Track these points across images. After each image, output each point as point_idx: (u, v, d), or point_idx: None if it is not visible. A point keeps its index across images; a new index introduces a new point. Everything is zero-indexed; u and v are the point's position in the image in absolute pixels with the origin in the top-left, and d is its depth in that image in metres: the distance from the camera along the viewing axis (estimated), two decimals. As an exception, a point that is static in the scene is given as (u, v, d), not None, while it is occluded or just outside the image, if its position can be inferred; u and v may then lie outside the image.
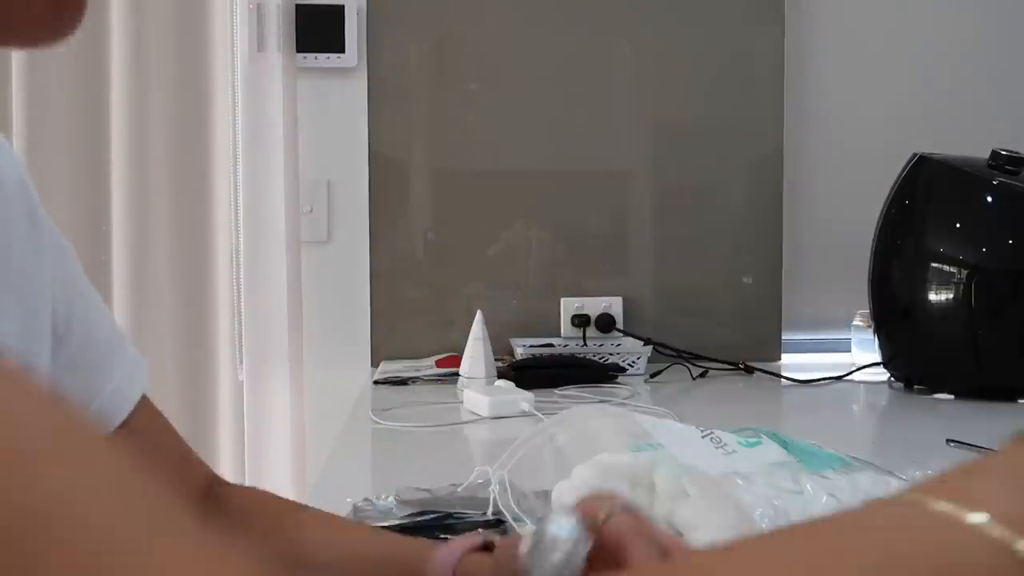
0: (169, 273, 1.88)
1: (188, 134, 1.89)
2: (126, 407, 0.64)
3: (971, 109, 2.12)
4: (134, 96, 1.85)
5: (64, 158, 1.83)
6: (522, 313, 1.99)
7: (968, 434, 0.98)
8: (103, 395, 0.62)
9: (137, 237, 1.86)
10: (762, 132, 2.04)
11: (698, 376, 1.78)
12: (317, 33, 1.92)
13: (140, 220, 1.86)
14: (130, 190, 1.85)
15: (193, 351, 1.87)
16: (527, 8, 2.00)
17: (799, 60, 2.09)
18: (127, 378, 0.64)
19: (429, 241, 2.00)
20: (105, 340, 0.64)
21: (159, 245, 1.88)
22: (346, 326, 1.97)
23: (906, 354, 1.66)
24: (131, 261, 1.85)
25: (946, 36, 2.14)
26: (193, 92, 1.89)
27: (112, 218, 1.85)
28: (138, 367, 0.66)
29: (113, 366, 0.64)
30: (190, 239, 1.90)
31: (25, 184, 0.59)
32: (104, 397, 0.62)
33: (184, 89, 1.88)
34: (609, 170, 2.04)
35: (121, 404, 0.64)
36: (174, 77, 1.87)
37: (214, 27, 1.89)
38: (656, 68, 2.02)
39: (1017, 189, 1.54)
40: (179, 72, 1.88)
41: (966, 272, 1.55)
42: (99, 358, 0.63)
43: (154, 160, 1.87)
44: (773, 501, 0.70)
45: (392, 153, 1.99)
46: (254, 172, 1.88)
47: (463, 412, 1.43)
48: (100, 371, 0.63)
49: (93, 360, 0.62)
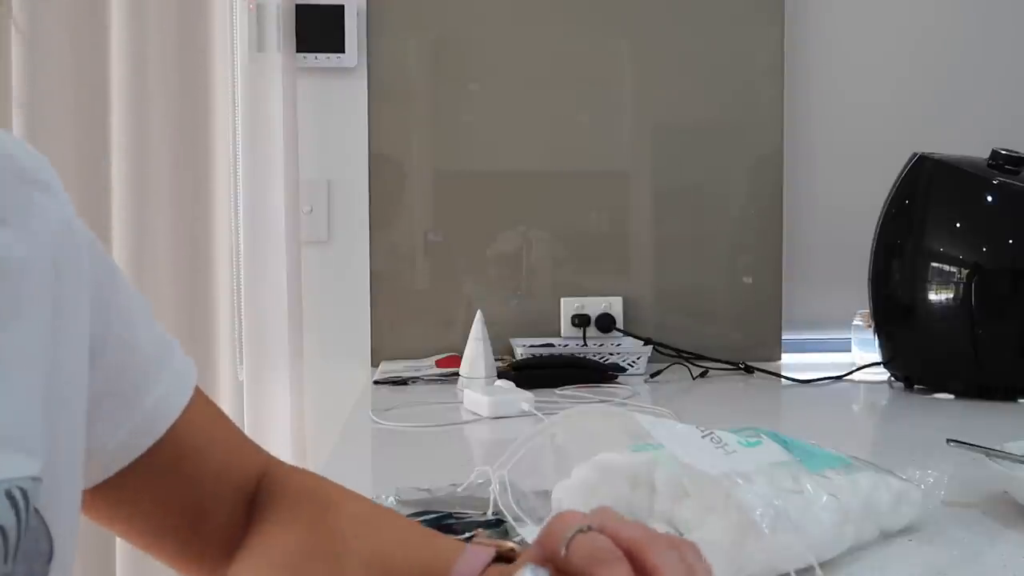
0: (169, 273, 1.88)
1: (188, 134, 1.89)
2: (172, 414, 0.65)
3: (971, 109, 2.12)
4: (134, 96, 1.85)
5: (64, 158, 1.82)
6: (522, 313, 2.00)
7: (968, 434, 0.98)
8: (144, 408, 0.63)
9: (137, 237, 1.86)
10: (762, 132, 2.04)
11: (698, 376, 1.78)
12: (317, 33, 1.92)
13: (140, 220, 1.86)
14: (130, 190, 1.85)
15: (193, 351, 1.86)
16: (527, 8, 2.00)
17: (799, 60, 2.09)
18: (172, 387, 0.65)
19: (429, 241, 2.00)
20: (148, 356, 0.64)
21: (159, 245, 1.88)
22: (346, 326, 1.97)
23: (906, 354, 1.66)
24: (131, 261, 1.85)
25: (946, 36, 2.14)
26: (193, 92, 1.89)
27: (112, 218, 1.85)
28: (184, 376, 0.67)
29: (158, 379, 0.64)
30: (190, 239, 1.90)
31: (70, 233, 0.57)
32: (146, 409, 0.63)
33: (184, 89, 1.88)
34: (609, 170, 2.04)
35: (166, 412, 0.64)
36: (174, 77, 1.87)
37: (214, 27, 1.89)
38: (656, 68, 2.03)
39: (1017, 189, 1.54)
40: (179, 72, 1.88)
41: (966, 272, 1.55)
42: (141, 374, 0.63)
43: (154, 160, 1.87)
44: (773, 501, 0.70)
45: (392, 153, 1.99)
46: (254, 172, 1.88)
47: (463, 412, 1.43)
48: (141, 387, 0.63)
49: (133, 378, 0.63)
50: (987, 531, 0.84)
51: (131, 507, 0.66)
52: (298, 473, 0.73)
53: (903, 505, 0.82)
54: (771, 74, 2.04)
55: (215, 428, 0.70)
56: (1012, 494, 0.88)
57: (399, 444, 1.27)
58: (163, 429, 0.64)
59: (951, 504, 0.88)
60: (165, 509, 0.67)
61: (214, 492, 0.68)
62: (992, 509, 0.89)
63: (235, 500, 0.70)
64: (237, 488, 0.70)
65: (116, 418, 0.62)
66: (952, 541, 0.81)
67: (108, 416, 0.61)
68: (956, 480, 0.90)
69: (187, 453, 0.66)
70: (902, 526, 0.82)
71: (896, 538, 0.81)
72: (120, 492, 0.64)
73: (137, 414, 0.63)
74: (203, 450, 0.67)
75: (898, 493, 0.81)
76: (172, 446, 0.65)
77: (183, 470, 0.66)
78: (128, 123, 1.85)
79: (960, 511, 0.89)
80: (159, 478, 0.65)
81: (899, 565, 0.76)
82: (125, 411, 0.62)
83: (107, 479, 0.63)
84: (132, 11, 1.84)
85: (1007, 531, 0.84)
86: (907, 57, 2.14)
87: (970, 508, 0.90)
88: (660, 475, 0.75)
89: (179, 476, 0.66)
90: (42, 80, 1.81)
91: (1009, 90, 2.14)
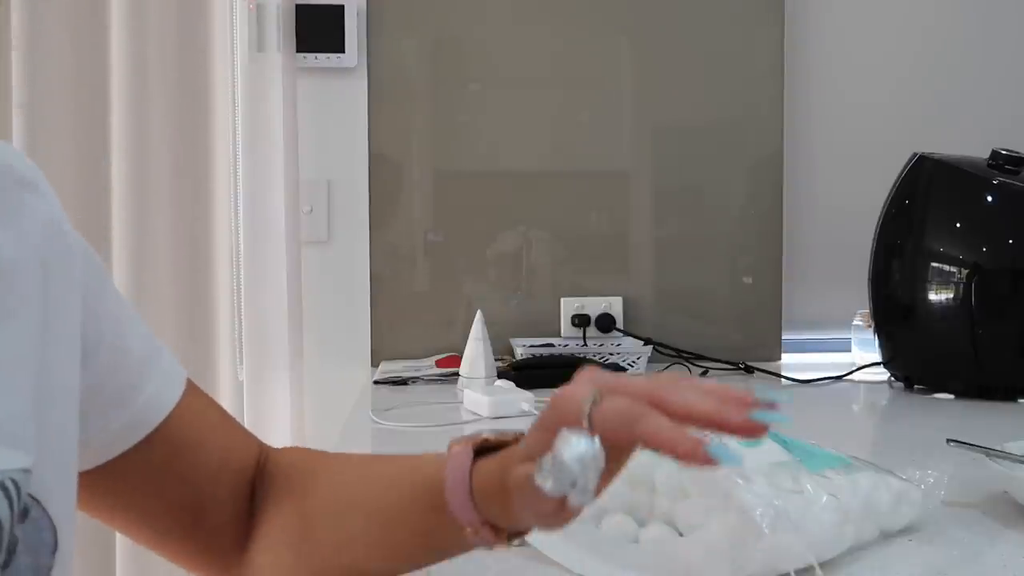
0: (169, 273, 1.88)
1: (188, 134, 1.89)
2: (165, 408, 0.66)
3: (971, 109, 2.12)
4: (134, 96, 1.85)
5: (64, 158, 1.82)
6: (522, 313, 2.00)
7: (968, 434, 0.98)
8: (137, 404, 0.64)
9: (137, 237, 1.86)
10: (762, 132, 2.04)
11: (698, 376, 1.78)
12: (317, 33, 1.92)
13: (140, 220, 1.86)
14: (130, 190, 1.85)
15: (193, 351, 1.87)
16: (527, 8, 2.00)
17: (799, 60, 2.09)
18: (163, 385, 0.66)
19: (429, 241, 2.00)
20: (139, 358, 0.65)
21: (159, 245, 1.88)
22: (346, 326, 1.97)
23: (906, 354, 1.66)
24: (131, 261, 1.85)
25: (946, 36, 2.14)
26: (193, 92, 1.88)
27: (112, 218, 1.85)
28: (174, 374, 0.67)
29: (150, 379, 0.65)
30: (190, 239, 1.89)
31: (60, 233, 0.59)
32: (139, 405, 0.64)
33: (184, 89, 1.88)
34: (609, 170, 2.04)
35: (159, 406, 0.65)
36: (174, 77, 1.87)
37: (214, 27, 1.89)
38: (656, 68, 2.02)
39: (1017, 189, 1.54)
40: (179, 72, 1.88)
41: (966, 272, 1.55)
42: (135, 374, 0.64)
43: (154, 160, 1.87)
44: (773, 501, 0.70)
45: (392, 153, 1.99)
46: (254, 172, 1.88)
47: (463, 412, 1.43)
48: (135, 386, 0.64)
49: (126, 378, 0.64)
50: (987, 531, 0.84)
51: (129, 498, 0.66)
52: (286, 450, 0.75)
53: (903, 505, 0.82)
54: (771, 74, 2.04)
55: (209, 421, 0.70)
56: (1012, 494, 0.88)
57: (399, 444, 1.27)
58: (156, 421, 0.65)
59: (951, 504, 0.88)
60: (165, 502, 0.67)
61: (214, 483, 0.69)
62: (992, 509, 0.89)
63: (235, 491, 0.70)
64: (237, 478, 0.71)
65: (109, 414, 0.62)
66: (952, 541, 0.81)
67: (101, 412, 0.62)
68: (956, 480, 0.90)
69: (183, 446, 0.67)
70: (902, 526, 0.82)
71: (896, 538, 0.81)
72: (117, 482, 0.65)
73: (130, 409, 0.64)
74: (199, 443, 0.68)
75: (898, 493, 0.81)
76: (167, 439, 0.65)
77: (180, 462, 0.67)
78: (128, 123, 1.85)
79: (960, 511, 0.89)
80: (157, 471, 0.66)
81: (899, 565, 0.76)
82: (118, 408, 0.63)
83: (104, 464, 0.64)
84: (132, 11, 1.84)
85: (1007, 531, 0.84)
86: (907, 57, 2.14)
87: (970, 508, 0.90)
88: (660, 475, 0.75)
89: (176, 468, 0.67)
90: (42, 80, 1.81)
91: (1009, 90, 2.14)
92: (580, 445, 0.47)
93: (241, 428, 0.74)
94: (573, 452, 0.47)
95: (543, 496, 0.48)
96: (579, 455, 0.47)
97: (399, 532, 0.62)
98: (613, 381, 0.50)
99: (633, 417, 0.47)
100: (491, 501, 0.55)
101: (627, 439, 0.47)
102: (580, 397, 0.49)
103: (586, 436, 0.47)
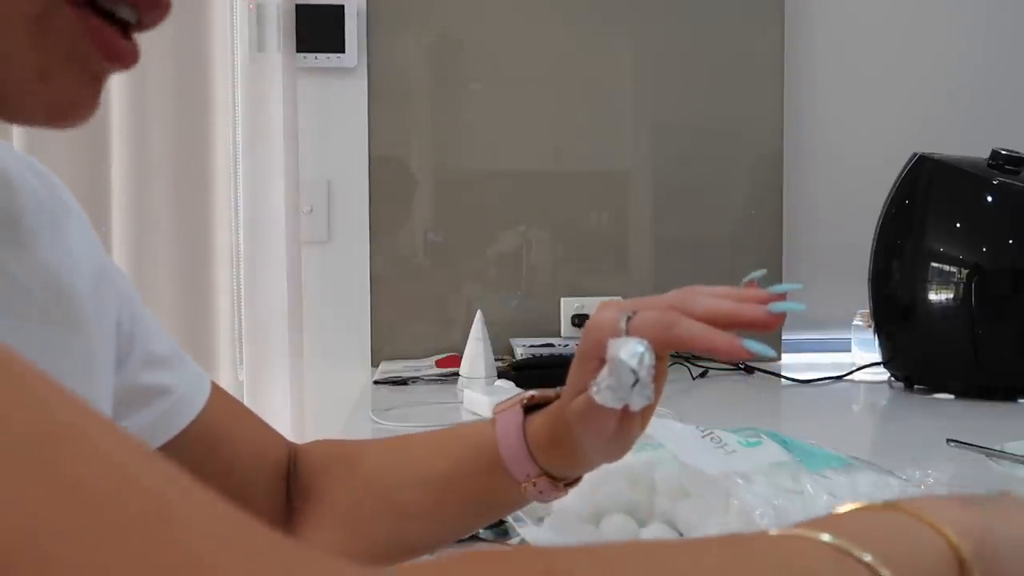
0: (169, 273, 1.88)
1: (188, 134, 1.89)
2: (197, 403, 0.67)
3: (971, 109, 2.12)
4: (134, 96, 1.85)
5: (64, 158, 1.82)
6: (522, 313, 2.00)
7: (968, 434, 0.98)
8: (168, 403, 0.66)
9: (137, 237, 1.86)
10: (762, 132, 2.04)
11: (698, 376, 1.78)
12: (317, 33, 1.92)
13: (140, 220, 1.86)
14: (130, 190, 1.85)
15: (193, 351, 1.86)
16: (527, 8, 2.00)
17: (799, 60, 2.09)
18: (192, 386, 0.68)
19: (429, 241, 2.00)
20: (168, 360, 0.67)
21: (159, 245, 1.88)
22: (346, 326, 1.97)
23: (906, 354, 1.66)
24: (131, 261, 1.85)
25: (946, 36, 2.14)
26: (193, 92, 1.89)
27: (112, 218, 1.85)
28: (200, 375, 0.70)
29: (180, 381, 0.67)
30: (190, 239, 1.90)
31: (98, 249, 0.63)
32: (170, 403, 0.66)
33: (184, 89, 1.88)
34: (609, 170, 2.04)
35: (191, 402, 0.67)
36: (174, 77, 1.87)
37: (214, 27, 1.89)
38: (656, 68, 2.03)
39: (1017, 189, 1.54)
40: (179, 72, 1.88)
41: (966, 272, 1.55)
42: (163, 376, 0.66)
43: (154, 160, 1.87)
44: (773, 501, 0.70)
45: (392, 153, 1.99)
46: (254, 172, 1.88)
47: (463, 412, 1.43)
48: (165, 391, 0.66)
49: (155, 381, 0.66)
50: (987, 531, 0.84)
51: None
52: (314, 443, 0.76)
53: (903, 505, 0.81)
54: (771, 74, 2.04)
55: (240, 419, 0.72)
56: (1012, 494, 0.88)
57: (399, 444, 1.27)
58: (189, 418, 0.67)
59: (951, 504, 0.88)
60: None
61: (249, 481, 0.70)
62: (992, 509, 0.89)
63: (271, 487, 0.72)
64: (271, 474, 0.72)
65: (142, 413, 0.65)
66: (952, 541, 0.81)
67: (134, 413, 0.64)
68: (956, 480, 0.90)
69: (216, 442, 0.68)
70: (902, 526, 0.82)
71: (896, 538, 0.81)
72: None
73: (161, 408, 0.66)
74: (231, 440, 0.70)
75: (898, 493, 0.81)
76: (200, 438, 0.67)
77: (214, 459, 0.68)
78: (128, 123, 1.85)
79: (960, 511, 0.89)
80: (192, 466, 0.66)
81: (899, 565, 0.76)
82: (149, 409, 0.65)
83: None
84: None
85: (1007, 531, 0.84)
86: (907, 57, 2.14)
87: (970, 508, 0.90)
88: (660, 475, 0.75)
89: (210, 467, 0.68)
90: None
91: (1009, 90, 2.14)
92: (630, 343, 0.50)
93: (269, 426, 0.75)
94: (627, 351, 0.50)
95: (605, 414, 0.51)
96: (632, 351, 0.50)
97: (451, 498, 0.64)
98: (636, 301, 0.54)
99: (667, 324, 0.51)
100: (546, 452, 0.59)
101: (664, 344, 0.51)
102: (612, 318, 0.53)
103: (633, 338, 0.51)
